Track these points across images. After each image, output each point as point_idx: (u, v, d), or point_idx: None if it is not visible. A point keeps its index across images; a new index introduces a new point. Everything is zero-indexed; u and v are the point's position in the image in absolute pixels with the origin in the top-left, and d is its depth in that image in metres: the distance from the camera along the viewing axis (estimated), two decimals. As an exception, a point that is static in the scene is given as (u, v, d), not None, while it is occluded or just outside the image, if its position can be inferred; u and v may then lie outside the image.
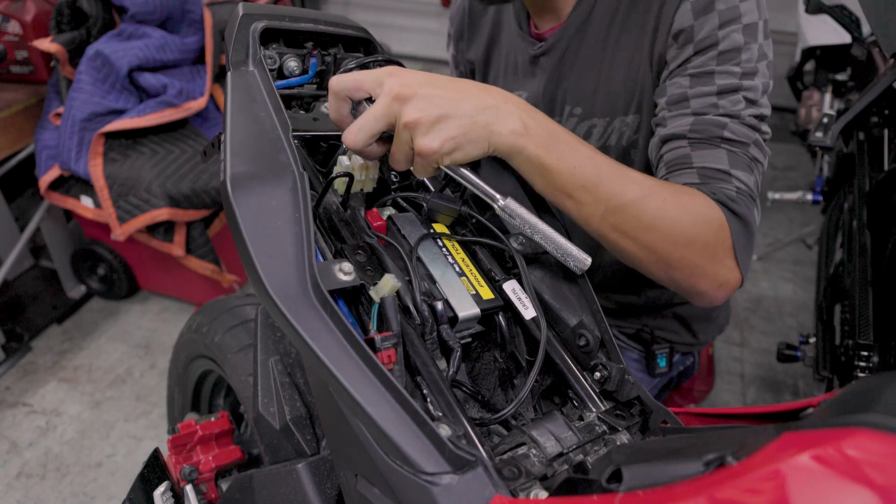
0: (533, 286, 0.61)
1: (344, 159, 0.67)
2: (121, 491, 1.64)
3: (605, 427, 0.54)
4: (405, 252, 0.60)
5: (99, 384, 1.95)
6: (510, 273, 0.63)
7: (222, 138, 0.59)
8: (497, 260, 0.64)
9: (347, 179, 0.64)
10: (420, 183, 0.73)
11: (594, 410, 0.56)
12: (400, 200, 0.69)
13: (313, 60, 0.73)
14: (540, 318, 0.58)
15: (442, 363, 0.56)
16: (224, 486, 0.94)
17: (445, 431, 0.45)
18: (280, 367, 0.83)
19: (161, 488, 0.88)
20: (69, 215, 2.18)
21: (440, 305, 0.55)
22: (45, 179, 1.85)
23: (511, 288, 0.60)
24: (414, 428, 0.44)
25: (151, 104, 1.84)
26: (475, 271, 0.62)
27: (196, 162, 1.90)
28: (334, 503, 0.64)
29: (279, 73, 0.72)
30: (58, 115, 1.83)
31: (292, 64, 0.72)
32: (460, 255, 0.63)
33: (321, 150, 0.74)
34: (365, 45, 0.77)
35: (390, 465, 0.44)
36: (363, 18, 3.88)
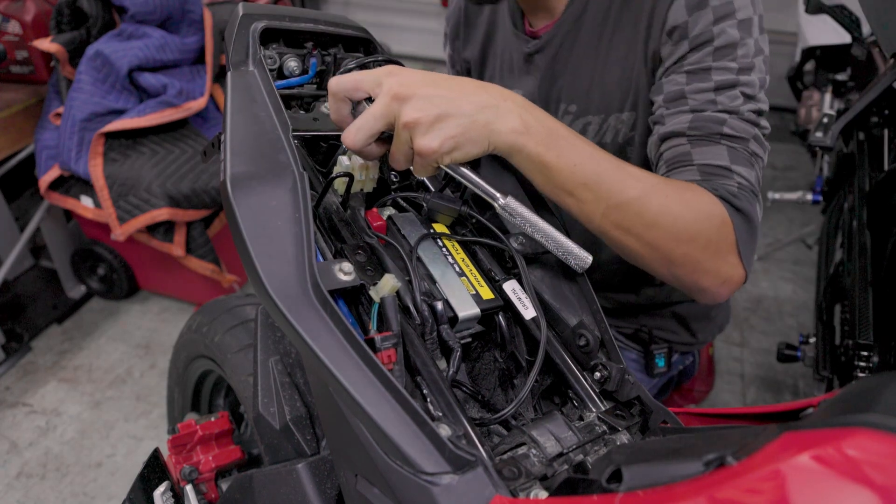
0: (533, 286, 0.61)
1: (344, 159, 0.67)
2: (121, 491, 1.64)
3: (605, 427, 0.54)
4: (405, 252, 0.60)
5: (99, 384, 1.95)
6: (510, 273, 0.63)
7: (222, 138, 0.59)
8: (497, 260, 0.64)
9: (347, 179, 0.64)
10: (420, 183, 0.73)
11: (594, 410, 0.56)
12: (400, 200, 0.69)
13: (313, 60, 0.73)
14: (540, 318, 0.58)
15: (442, 363, 0.56)
16: (224, 486, 0.94)
17: (445, 431, 0.45)
18: (280, 367, 0.83)
19: (161, 488, 0.88)
20: (69, 215, 2.18)
21: (440, 305, 0.55)
22: (45, 179, 1.85)
23: (511, 288, 0.60)
24: (414, 428, 0.44)
25: (151, 104, 1.85)
26: (475, 271, 0.62)
27: (196, 162, 1.90)
28: (334, 503, 0.64)
29: (279, 73, 0.72)
30: (58, 115, 1.83)
31: (292, 64, 0.72)
32: (460, 255, 0.63)
33: (321, 150, 0.74)
34: (365, 45, 0.77)
35: (390, 465, 0.44)
36: (363, 18, 3.88)
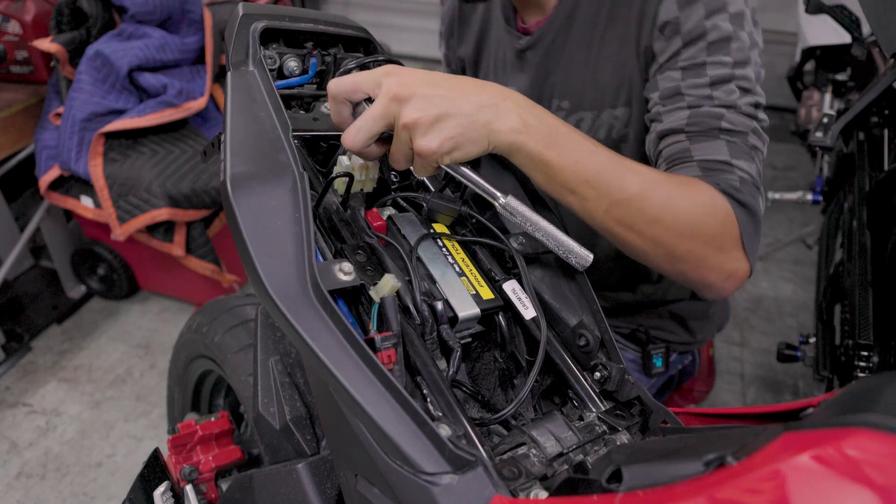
0: (533, 286, 0.61)
1: (344, 159, 0.67)
2: (121, 491, 1.64)
3: (605, 427, 0.54)
4: (405, 252, 0.60)
5: (99, 384, 1.95)
6: (510, 273, 0.63)
7: (222, 138, 0.59)
8: (497, 260, 0.64)
9: (347, 179, 0.64)
10: (420, 183, 0.72)
11: (594, 410, 0.56)
12: (400, 200, 0.69)
13: (313, 60, 0.73)
14: (540, 318, 0.58)
15: (442, 363, 0.56)
16: (224, 486, 0.94)
17: (445, 431, 0.45)
18: (280, 367, 0.83)
19: (161, 488, 0.88)
20: (69, 215, 2.18)
21: (440, 305, 0.55)
22: (45, 179, 1.85)
23: (511, 288, 0.60)
24: (414, 428, 0.44)
25: (151, 104, 1.84)
26: (475, 271, 0.62)
27: (196, 162, 1.90)
28: (334, 503, 0.64)
29: (279, 73, 0.72)
30: (58, 115, 1.83)
31: (292, 64, 0.72)
32: (460, 255, 0.63)
33: (321, 150, 0.74)
34: (365, 45, 0.77)
35: (390, 465, 0.44)
36: (363, 18, 3.88)
